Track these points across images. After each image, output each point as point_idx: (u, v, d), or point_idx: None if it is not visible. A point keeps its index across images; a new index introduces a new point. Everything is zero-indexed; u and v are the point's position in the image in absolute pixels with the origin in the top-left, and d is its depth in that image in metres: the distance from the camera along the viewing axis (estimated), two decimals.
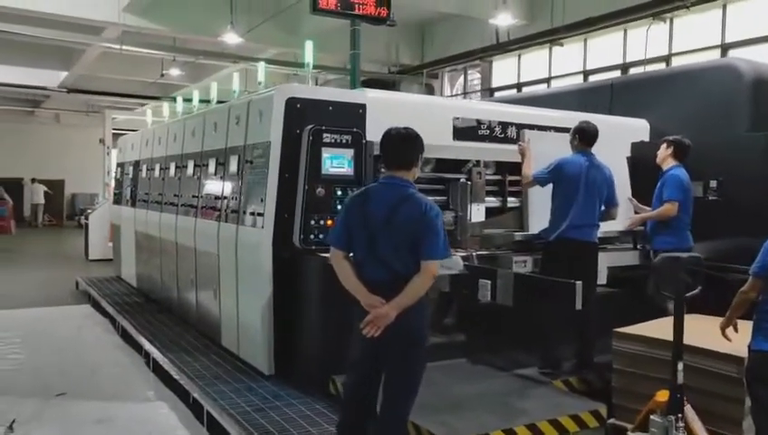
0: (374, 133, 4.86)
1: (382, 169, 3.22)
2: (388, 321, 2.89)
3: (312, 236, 4.64)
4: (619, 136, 6.43)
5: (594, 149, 5.76)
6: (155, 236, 7.38)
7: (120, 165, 9.71)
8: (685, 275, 3.44)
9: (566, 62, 11.27)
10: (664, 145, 5.46)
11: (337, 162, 4.75)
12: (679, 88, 6.40)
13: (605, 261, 5.16)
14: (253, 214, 4.82)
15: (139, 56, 14.82)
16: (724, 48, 8.77)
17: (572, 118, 6.08)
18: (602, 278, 5.09)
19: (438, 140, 5.35)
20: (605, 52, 10.54)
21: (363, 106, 4.94)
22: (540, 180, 4.95)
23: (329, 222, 4.70)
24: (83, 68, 16.25)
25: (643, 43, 9.57)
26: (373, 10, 5.37)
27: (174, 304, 6.80)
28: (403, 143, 3.04)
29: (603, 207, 5.00)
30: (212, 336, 5.66)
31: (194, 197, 6.18)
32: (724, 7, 8.73)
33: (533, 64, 11.95)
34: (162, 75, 15.91)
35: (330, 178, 4.70)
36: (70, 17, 10.71)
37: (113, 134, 18.51)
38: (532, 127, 5.80)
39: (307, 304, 4.52)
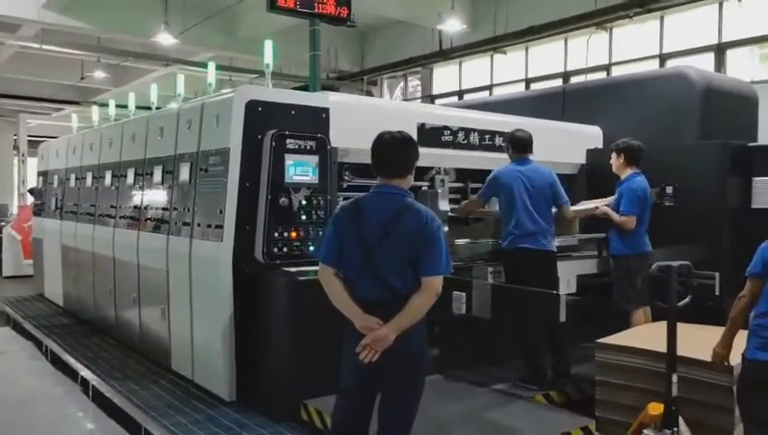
0: (337, 139, 4.62)
1: (349, 178, 2.96)
2: (386, 344, 2.63)
3: (275, 250, 4.31)
4: (573, 143, 6.46)
5: (549, 156, 5.75)
6: (86, 251, 6.78)
7: (42, 174, 8.94)
8: (677, 283, 3.37)
9: (507, 70, 11.37)
10: (614, 154, 5.37)
11: (301, 169, 4.45)
12: (631, 95, 6.49)
13: (574, 269, 5.10)
14: (210, 226, 4.44)
15: (55, 57, 13.84)
16: (663, 58, 9.07)
17: (533, 124, 6.04)
18: (572, 287, 5.01)
19: None
20: (546, 60, 10.69)
21: (326, 110, 4.66)
22: (481, 197, 4.94)
23: (293, 234, 4.40)
24: None
25: (583, 52, 9.75)
26: (333, 9, 5.10)
27: (111, 325, 6.24)
28: (399, 149, 2.81)
29: (555, 209, 4.94)
30: (160, 360, 5.19)
31: (135, 208, 5.69)
32: (662, 19, 9.02)
33: (474, 72, 12.00)
34: (83, 78, 14.97)
35: (294, 187, 4.39)
36: None
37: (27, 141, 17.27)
38: (493, 133, 5.70)
39: (274, 322, 4.17)
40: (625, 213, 5.16)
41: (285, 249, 4.35)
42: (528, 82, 10.89)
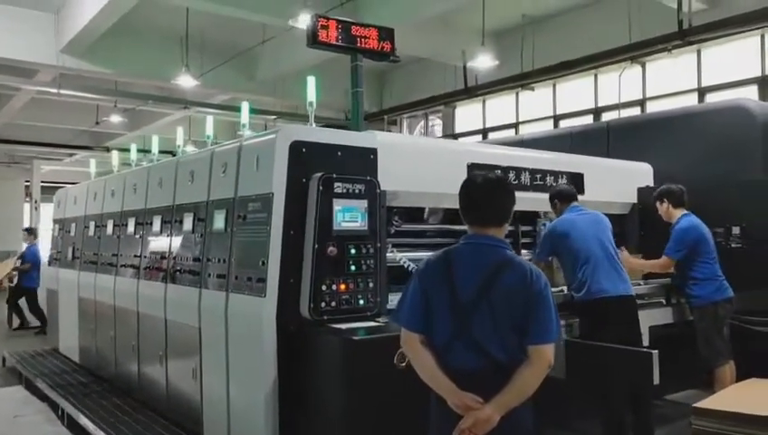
0: (385, 181, 4.25)
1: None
2: (490, 427, 2.20)
3: (323, 305, 3.90)
4: (624, 181, 6.10)
5: (600, 196, 5.51)
6: (107, 304, 6.36)
7: (58, 221, 8.60)
8: None
9: (533, 107, 11.09)
10: (657, 203, 5.25)
11: (350, 215, 4.06)
12: (683, 130, 6.15)
13: (645, 320, 4.65)
14: (250, 279, 4.02)
15: (70, 102, 13.72)
16: (701, 92, 8.76)
17: (584, 162, 5.72)
18: (645, 340, 4.56)
19: (453, 188, 4.74)
20: (575, 96, 10.41)
21: (374, 151, 4.31)
22: (542, 258, 4.64)
23: (342, 286, 3.98)
24: (8, 115, 14.92)
25: (613, 88, 9.46)
26: (376, 44, 4.81)
27: (133, 384, 5.78)
28: (496, 193, 2.43)
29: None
30: (189, 426, 4.72)
31: (162, 259, 5.30)
32: (699, 52, 8.74)
33: (498, 109, 11.73)
34: (98, 123, 14.82)
35: (342, 235, 4.00)
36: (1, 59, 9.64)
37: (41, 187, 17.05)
38: (544, 172, 5.34)
39: (324, 388, 3.72)
40: (667, 254, 4.95)
41: (333, 303, 3.94)
42: (557, 118, 10.59)
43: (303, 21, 7.63)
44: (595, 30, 8.95)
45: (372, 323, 3.97)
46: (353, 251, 4.03)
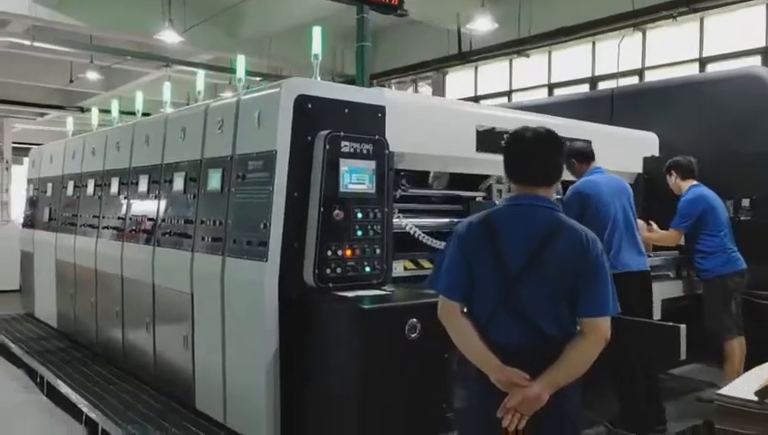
0: (392, 142, 3.98)
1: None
2: (538, 406, 2.00)
3: (328, 271, 3.65)
4: (630, 150, 5.92)
5: (606, 164, 5.33)
6: (87, 268, 6.04)
7: (33, 181, 8.17)
8: None
9: (526, 75, 10.82)
10: (667, 175, 5.12)
11: (357, 177, 3.80)
12: (692, 99, 5.95)
13: (657, 293, 4.51)
14: (250, 243, 3.76)
15: (43, 58, 13.04)
16: (702, 62, 8.57)
17: (592, 129, 5.52)
18: (656, 313, 4.42)
19: (462, 152, 4.54)
20: (570, 64, 10.16)
21: (382, 109, 4.03)
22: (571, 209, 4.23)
23: (348, 252, 3.74)
24: None
25: (610, 56, 9.23)
26: None
27: (116, 352, 5.51)
28: (548, 148, 2.19)
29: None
30: (180, 396, 4.48)
31: (149, 220, 4.99)
32: (702, 21, 8.53)
33: (491, 76, 11.43)
34: (71, 81, 14.16)
35: (349, 197, 3.74)
36: None
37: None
38: None
39: (331, 361, 3.49)
40: (672, 226, 4.80)
41: (339, 270, 3.70)
42: (551, 87, 10.35)
43: None
44: None
45: (379, 292, 3.75)
46: (360, 215, 3.79)
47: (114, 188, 5.66)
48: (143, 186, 5.12)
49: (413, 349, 3.40)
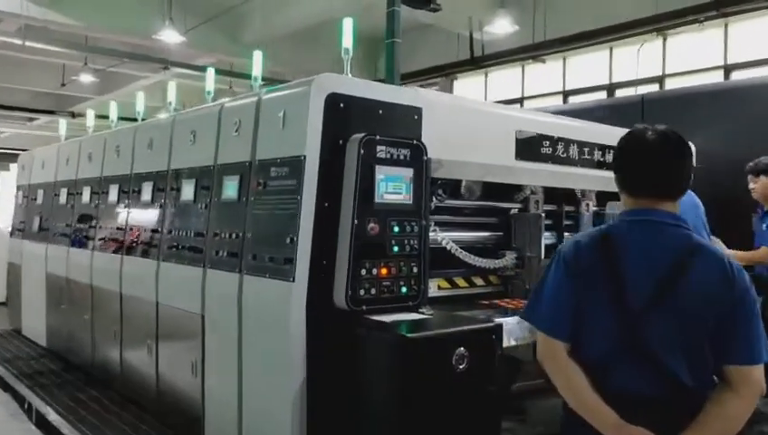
0: (429, 147, 3.57)
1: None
2: None
3: (361, 292, 3.23)
4: None
5: None
6: (81, 283, 5.58)
7: (23, 187, 7.68)
8: None
9: (539, 81, 10.46)
10: (751, 176, 4.71)
11: (393, 186, 3.38)
12: (730, 106, 5.62)
13: None
14: (273, 259, 3.32)
15: (34, 61, 12.53)
16: (727, 69, 8.24)
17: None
18: None
19: (502, 160, 4.13)
20: (585, 71, 9.82)
21: (419, 111, 3.62)
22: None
23: (383, 270, 3.32)
24: None
25: (628, 63, 8.90)
26: None
27: (114, 375, 5.04)
28: (676, 151, 1.78)
29: None
30: (185, 428, 4.03)
31: (153, 232, 4.55)
32: (726, 27, 8.22)
33: (501, 83, 11.06)
34: (64, 84, 13.67)
35: (385, 209, 3.32)
36: None
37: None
38: (592, 146, 4.73)
39: (368, 396, 3.06)
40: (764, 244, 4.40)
41: (373, 291, 3.27)
42: (566, 94, 10.00)
43: None
44: (613, 0, 8.32)
45: (418, 316, 3.33)
46: (396, 229, 3.37)
47: (113, 196, 5.21)
48: (146, 194, 4.68)
49: (461, 381, 2.98)
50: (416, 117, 3.61)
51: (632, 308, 1.67)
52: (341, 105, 3.30)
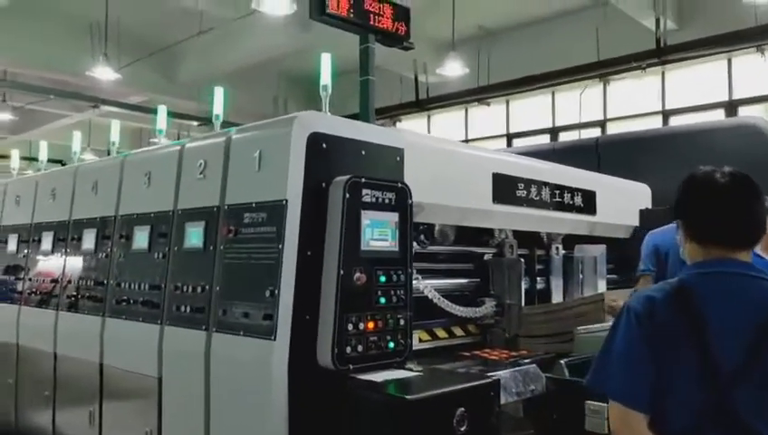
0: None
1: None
2: None
3: (348, 349, 2.93)
4: (627, 202, 5.59)
5: (608, 216, 5.14)
6: (6, 343, 4.96)
7: None
8: None
9: (482, 124, 10.58)
10: None
11: (379, 232, 3.13)
12: (685, 148, 5.76)
13: None
14: (247, 315, 2.98)
15: None
16: (665, 114, 8.58)
17: (594, 179, 5.19)
18: None
19: (479, 203, 3.98)
20: (527, 115, 10.01)
21: (401, 152, 3.43)
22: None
23: (369, 324, 3.04)
24: None
25: (570, 107, 9.14)
26: (390, 24, 3.95)
27: None
28: (751, 195, 1.64)
29: None
30: None
31: (96, 284, 4.08)
32: (663, 74, 8.59)
33: (443, 126, 11.13)
34: None
35: (371, 257, 3.06)
36: None
37: None
38: (563, 189, 4.68)
39: None
40: None
41: (360, 348, 2.98)
42: (510, 137, 10.14)
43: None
44: (557, 46, 8.57)
45: (407, 373, 3.06)
46: (383, 278, 3.11)
47: (47, 244, 4.69)
48: (89, 242, 4.21)
49: None
50: (398, 158, 3.41)
51: (720, 373, 1.48)
52: (324, 145, 3.06)
